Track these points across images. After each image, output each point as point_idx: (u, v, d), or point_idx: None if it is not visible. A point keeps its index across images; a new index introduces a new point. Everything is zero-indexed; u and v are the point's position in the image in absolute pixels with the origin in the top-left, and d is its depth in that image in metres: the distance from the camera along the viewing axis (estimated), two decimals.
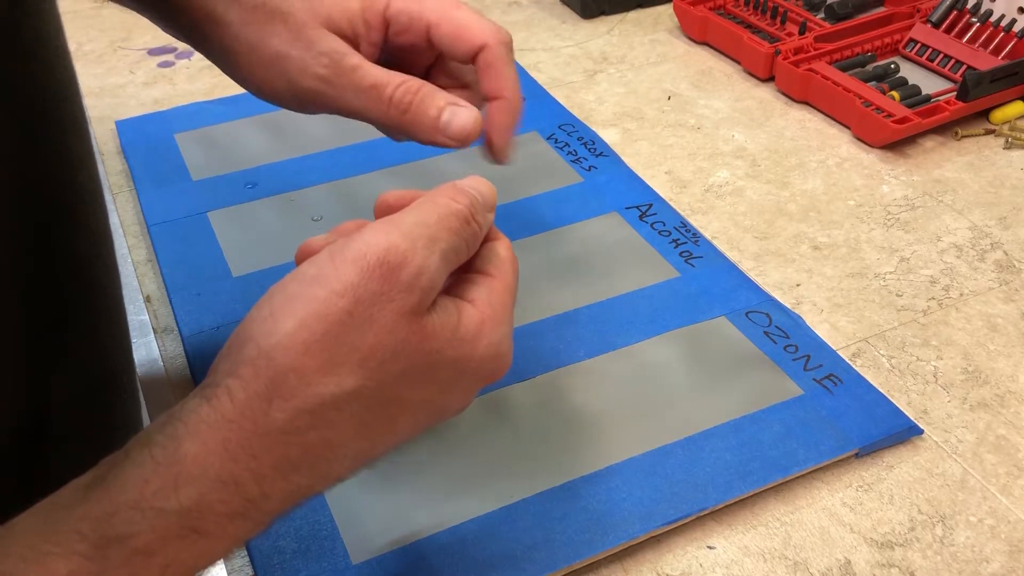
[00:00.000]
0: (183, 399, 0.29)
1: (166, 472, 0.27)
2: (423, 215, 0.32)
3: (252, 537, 0.30)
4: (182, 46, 0.83)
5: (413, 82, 0.40)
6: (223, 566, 0.41)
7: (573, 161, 0.66)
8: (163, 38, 0.84)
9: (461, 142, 0.41)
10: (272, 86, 0.42)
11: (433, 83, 0.41)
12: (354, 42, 0.41)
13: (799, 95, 0.74)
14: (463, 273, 0.35)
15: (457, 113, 0.40)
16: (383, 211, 0.35)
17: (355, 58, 0.40)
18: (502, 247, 0.36)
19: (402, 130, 0.41)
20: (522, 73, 0.77)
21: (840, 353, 0.51)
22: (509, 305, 0.35)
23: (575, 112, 0.72)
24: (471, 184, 0.35)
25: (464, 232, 0.33)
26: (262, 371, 0.28)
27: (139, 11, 0.44)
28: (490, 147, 0.44)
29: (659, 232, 0.59)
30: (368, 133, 0.69)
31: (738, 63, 0.79)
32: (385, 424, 0.31)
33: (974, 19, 0.75)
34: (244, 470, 0.28)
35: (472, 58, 0.41)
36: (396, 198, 0.35)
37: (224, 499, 0.28)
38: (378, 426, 0.31)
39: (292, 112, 0.44)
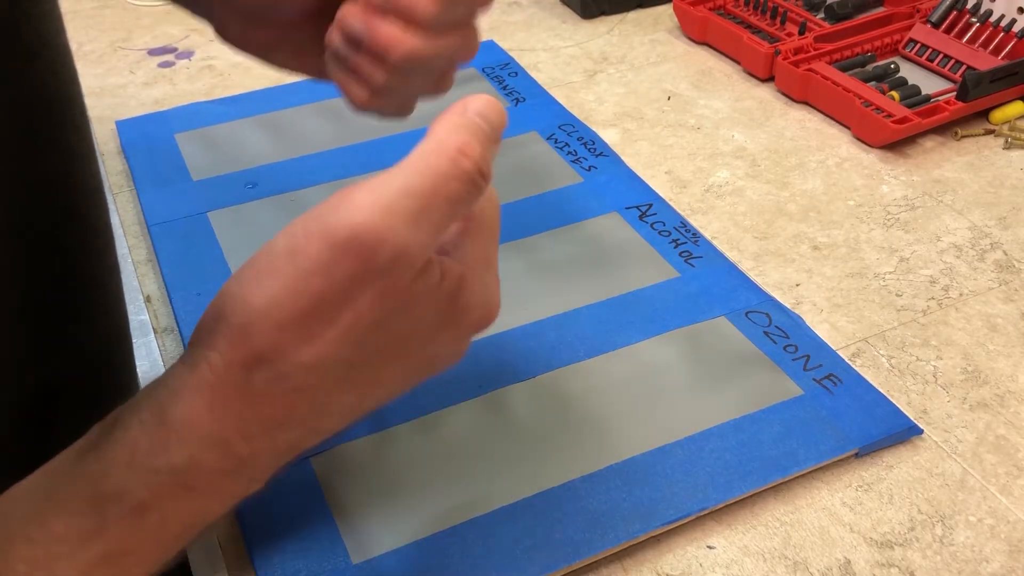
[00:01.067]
0: (168, 368, 0.30)
1: (155, 434, 0.28)
2: (414, 181, 0.28)
3: (249, 494, 0.30)
4: (182, 46, 0.83)
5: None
6: (223, 566, 0.41)
7: (573, 161, 0.66)
8: (163, 38, 0.84)
9: (358, 105, 0.40)
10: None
11: None
12: None
13: (799, 95, 0.74)
14: None
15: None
16: None
17: None
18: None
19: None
20: (522, 73, 0.77)
21: (840, 353, 0.51)
22: (492, 250, 0.33)
23: (575, 112, 0.72)
24: (481, 112, 0.31)
25: (466, 194, 0.30)
26: (238, 344, 0.28)
27: None
28: None
29: (659, 232, 0.59)
30: (368, 133, 0.69)
31: (738, 63, 0.79)
32: (371, 378, 0.31)
33: (974, 19, 0.75)
34: (232, 431, 0.29)
35: None
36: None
37: (215, 458, 0.29)
38: (363, 380, 0.31)
39: (292, 112, 0.44)
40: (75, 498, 0.27)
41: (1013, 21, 0.73)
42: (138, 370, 0.51)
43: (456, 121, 0.30)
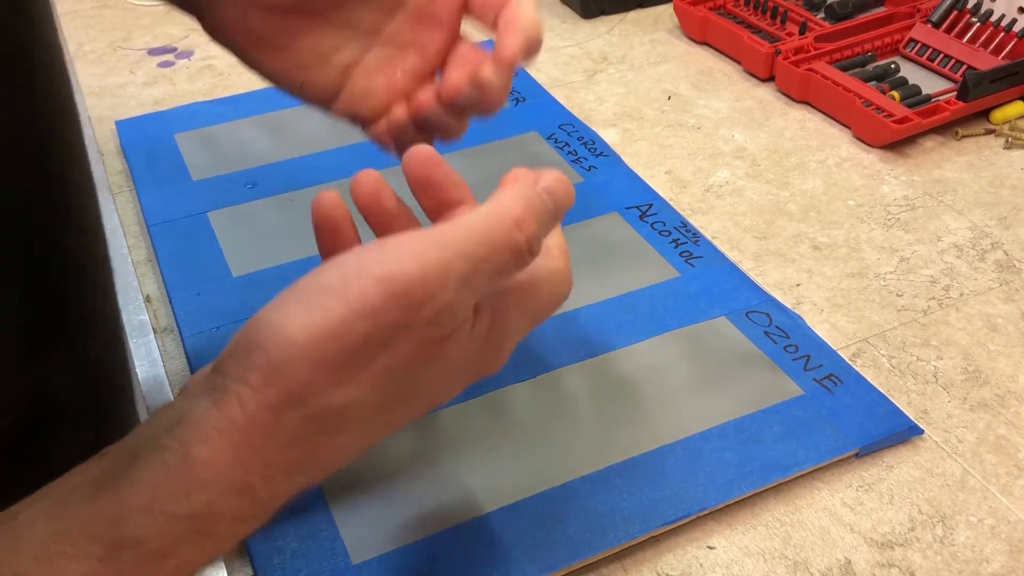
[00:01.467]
0: (189, 396, 0.29)
1: (177, 477, 0.27)
2: (470, 240, 0.29)
3: (252, 532, 0.30)
4: (182, 46, 0.83)
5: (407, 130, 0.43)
6: (223, 566, 0.41)
7: (573, 161, 0.66)
8: (163, 38, 0.84)
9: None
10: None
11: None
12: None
13: (799, 95, 0.74)
14: None
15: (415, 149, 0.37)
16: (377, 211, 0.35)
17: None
18: (554, 247, 0.35)
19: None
20: (522, 73, 0.77)
21: (840, 353, 0.51)
22: (526, 321, 0.34)
23: (575, 112, 0.72)
24: (549, 188, 0.32)
25: (512, 266, 0.30)
26: (273, 381, 0.28)
27: None
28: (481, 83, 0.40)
29: (659, 232, 0.59)
30: None
31: (738, 63, 0.79)
32: (386, 419, 0.31)
33: (974, 19, 0.75)
34: (256, 477, 0.28)
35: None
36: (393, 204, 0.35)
37: (235, 504, 0.28)
38: (380, 421, 0.31)
39: (292, 112, 0.44)
40: (90, 540, 0.26)
41: (1014, 21, 0.73)
42: (137, 370, 0.51)
43: (523, 193, 0.31)
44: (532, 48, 0.39)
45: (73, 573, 0.26)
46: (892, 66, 0.75)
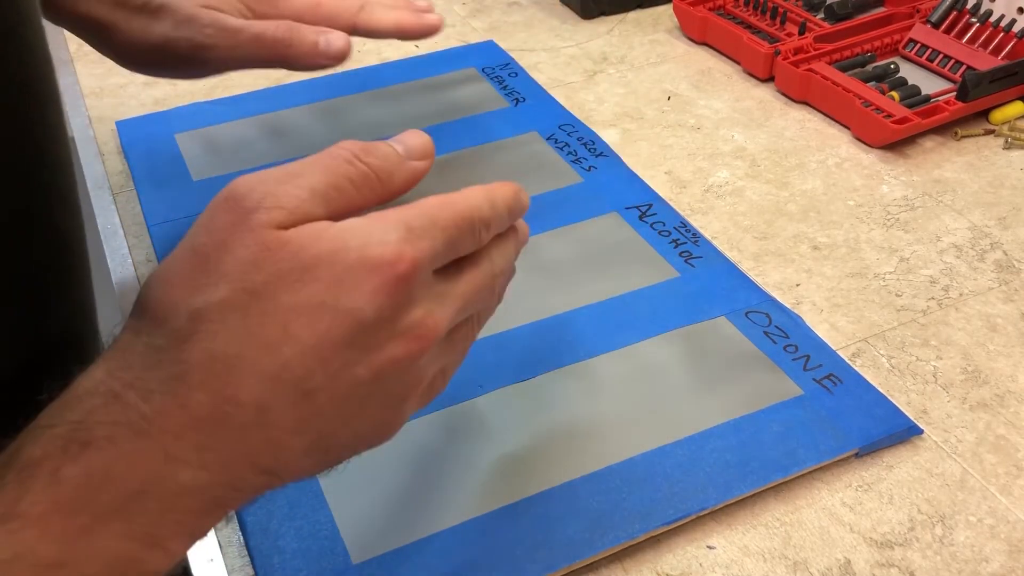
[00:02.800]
0: None
1: (55, 404, 0.28)
2: (296, 164, 0.31)
3: (167, 464, 0.28)
4: None
5: (283, 23, 0.52)
6: (223, 566, 0.41)
7: (573, 161, 0.66)
8: None
9: (339, 59, 0.52)
10: (163, 64, 0.53)
11: None
12: (228, 12, 0.52)
13: (799, 95, 0.74)
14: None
15: (330, 37, 0.52)
16: None
17: (235, 21, 0.51)
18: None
19: (290, 63, 0.52)
20: (522, 73, 0.77)
21: (840, 353, 0.51)
22: (401, 210, 0.32)
23: (575, 112, 0.72)
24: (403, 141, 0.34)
25: (345, 170, 0.31)
26: (136, 311, 0.29)
27: (56, 22, 0.52)
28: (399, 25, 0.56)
29: (659, 232, 0.59)
30: (367, 133, 0.69)
31: (738, 63, 0.79)
32: (276, 333, 0.29)
33: (974, 19, 0.75)
34: (123, 386, 0.28)
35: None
36: None
37: (109, 408, 0.28)
38: (268, 335, 0.28)
39: (292, 112, 0.45)
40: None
41: (1013, 21, 0.73)
42: None
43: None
44: None
45: None
46: (892, 66, 0.76)
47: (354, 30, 0.56)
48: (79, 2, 0.51)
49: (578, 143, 0.68)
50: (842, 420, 0.46)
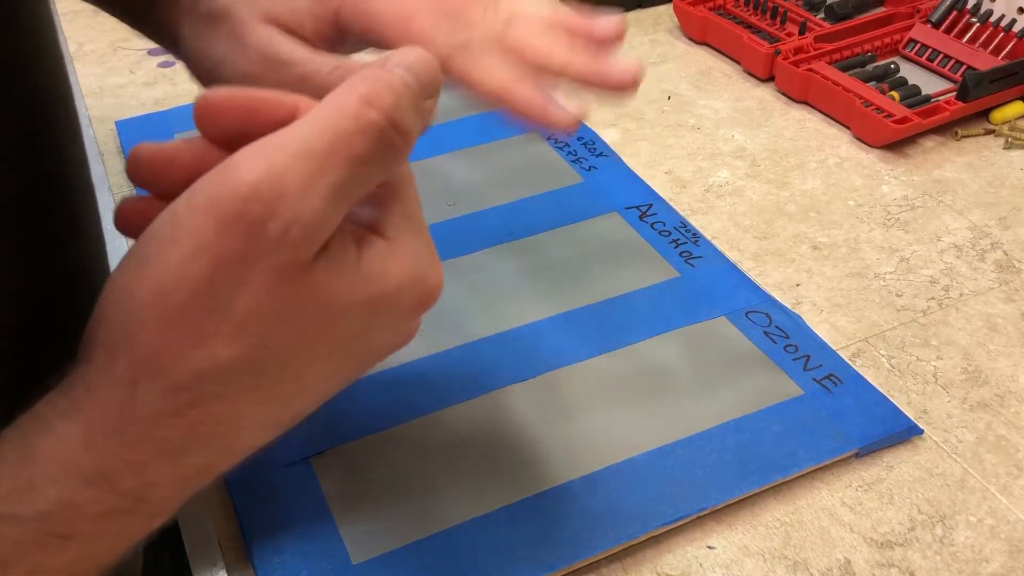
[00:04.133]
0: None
1: (18, 473, 0.23)
2: (311, 137, 0.24)
3: (152, 530, 0.26)
4: None
5: (344, 68, 0.35)
6: (223, 566, 0.41)
7: (573, 161, 0.66)
8: None
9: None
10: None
11: None
12: (300, 34, 0.37)
13: (799, 95, 0.74)
14: None
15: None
16: (208, 118, 0.27)
17: (287, 51, 0.36)
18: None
19: None
20: None
21: (840, 353, 0.51)
22: (418, 216, 0.29)
23: None
24: (405, 63, 0.26)
25: (376, 153, 0.25)
26: (120, 353, 0.24)
27: (120, 19, 0.43)
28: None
29: (659, 232, 0.59)
30: None
31: (738, 63, 0.79)
32: (291, 385, 0.26)
33: (974, 19, 0.75)
34: (115, 461, 0.24)
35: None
36: (224, 100, 0.27)
37: (94, 498, 0.24)
38: (282, 389, 0.26)
39: None
40: None
41: (1013, 21, 0.73)
42: None
43: (368, 72, 0.26)
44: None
45: None
46: (892, 66, 0.75)
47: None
48: (154, 6, 0.42)
49: (578, 143, 0.68)
50: (842, 420, 0.46)
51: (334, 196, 0.24)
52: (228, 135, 0.27)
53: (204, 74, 0.38)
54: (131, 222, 0.27)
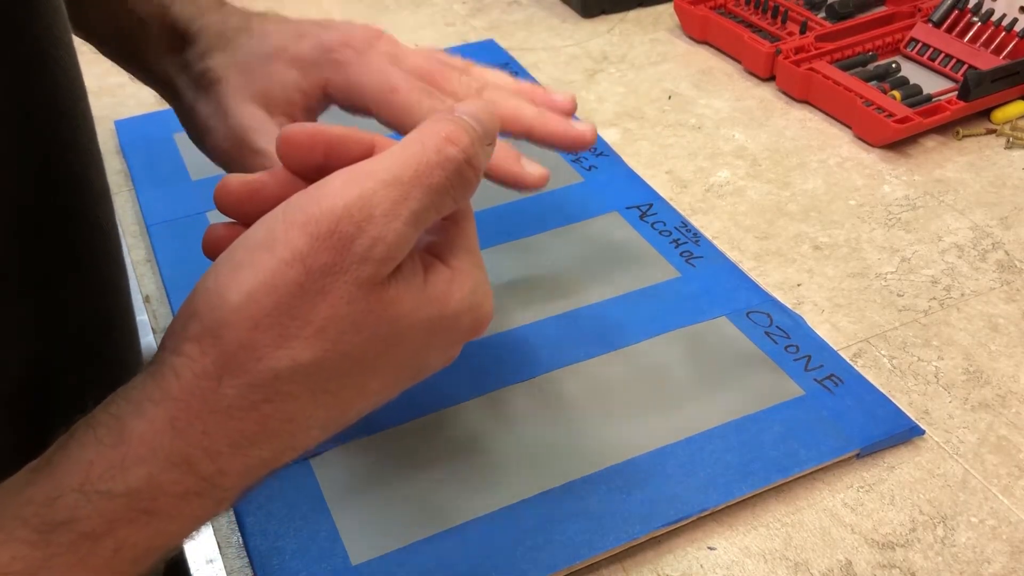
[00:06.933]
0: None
1: (112, 453, 0.26)
2: (397, 167, 0.28)
3: (216, 515, 0.28)
4: None
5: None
6: (222, 567, 0.41)
7: (573, 161, 0.66)
8: None
9: None
10: (207, 153, 0.44)
11: None
12: (289, 111, 0.41)
13: (800, 95, 0.73)
14: None
15: None
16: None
17: (262, 144, 0.40)
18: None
19: None
20: (522, 73, 0.77)
21: (841, 353, 0.51)
22: (476, 248, 0.32)
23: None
24: (470, 112, 0.31)
25: (452, 185, 0.29)
26: (209, 349, 0.27)
27: (116, 61, 0.47)
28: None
29: (659, 232, 0.59)
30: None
31: (739, 63, 0.79)
32: (353, 391, 0.29)
33: (975, 18, 0.75)
34: (195, 448, 0.26)
35: None
36: (240, 192, 0.32)
37: (176, 479, 0.26)
38: (345, 394, 0.29)
39: None
40: (22, 525, 0.25)
41: (1015, 20, 0.73)
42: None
43: (444, 117, 0.30)
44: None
45: (4, 560, 0.24)
46: (893, 66, 0.75)
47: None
48: (148, 54, 0.45)
49: None
50: (843, 421, 0.46)
51: (413, 221, 0.28)
52: (309, 168, 0.31)
53: (191, 131, 0.43)
54: (219, 247, 0.30)
